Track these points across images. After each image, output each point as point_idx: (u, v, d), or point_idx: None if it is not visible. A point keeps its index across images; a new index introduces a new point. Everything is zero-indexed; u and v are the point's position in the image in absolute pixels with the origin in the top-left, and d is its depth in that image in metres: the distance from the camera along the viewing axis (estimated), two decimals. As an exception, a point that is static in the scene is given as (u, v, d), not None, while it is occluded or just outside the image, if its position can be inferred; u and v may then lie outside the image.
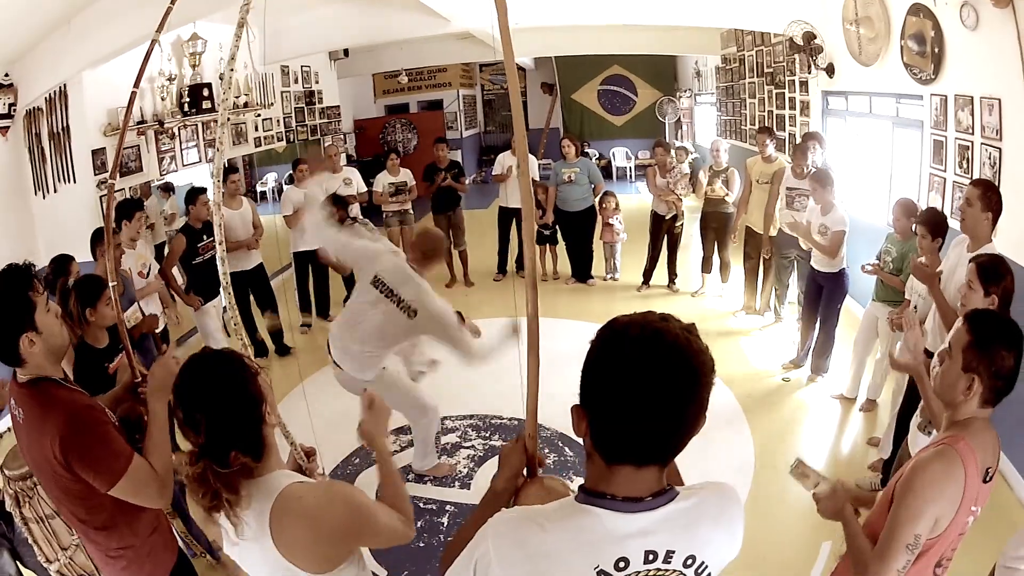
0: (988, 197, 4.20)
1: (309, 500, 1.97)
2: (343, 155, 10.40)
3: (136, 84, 3.97)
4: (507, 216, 10.26)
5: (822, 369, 6.71)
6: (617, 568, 1.47)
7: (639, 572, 1.49)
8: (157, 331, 5.69)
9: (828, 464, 5.46)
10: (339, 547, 2.02)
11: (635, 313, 1.50)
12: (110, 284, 3.67)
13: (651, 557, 1.48)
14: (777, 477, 5.15)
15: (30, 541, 3.42)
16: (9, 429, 4.23)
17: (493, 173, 10.55)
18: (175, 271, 6.86)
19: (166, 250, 8.39)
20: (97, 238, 5.65)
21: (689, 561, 1.52)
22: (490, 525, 1.57)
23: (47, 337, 2.53)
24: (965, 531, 2.32)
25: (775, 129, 10.37)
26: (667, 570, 1.51)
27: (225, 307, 6.86)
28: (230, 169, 8.14)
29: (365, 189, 9.62)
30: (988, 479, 2.32)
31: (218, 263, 4.09)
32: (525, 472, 2.01)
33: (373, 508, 2.12)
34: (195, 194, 7.02)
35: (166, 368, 2.72)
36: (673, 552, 1.50)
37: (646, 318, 1.47)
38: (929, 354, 3.97)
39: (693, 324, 1.48)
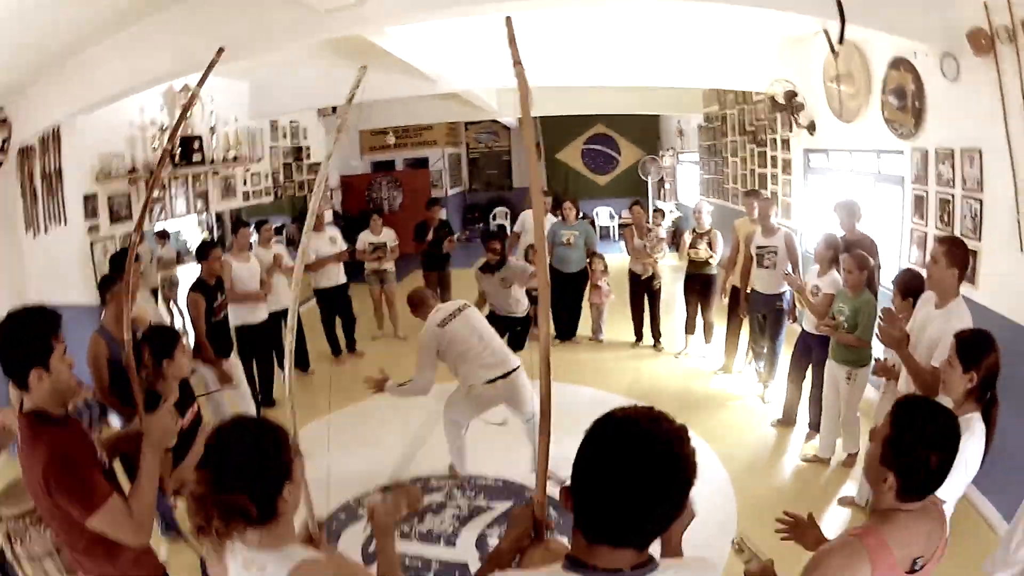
0: (953, 253, 4.22)
1: (322, 573, 2.06)
2: (329, 212, 10.57)
3: (170, 139, 3.98)
4: None
5: (817, 425, 6.60)
6: None
7: None
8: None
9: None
10: None
11: (633, 407, 1.62)
12: (126, 333, 3.74)
13: None
14: (760, 537, 5.12)
15: None
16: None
17: (515, 230, 10.99)
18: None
19: (159, 295, 8.43)
20: (106, 284, 5.51)
21: None
22: None
23: (55, 380, 2.72)
24: None
25: (758, 187, 10.53)
26: None
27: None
28: (240, 223, 8.20)
29: (346, 247, 9.85)
30: (916, 569, 2.24)
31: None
32: (534, 534, 2.12)
33: None
34: (207, 248, 6.77)
35: (161, 424, 2.95)
36: None
37: (637, 417, 1.58)
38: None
39: (683, 427, 1.58)
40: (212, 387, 6.22)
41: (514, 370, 5.84)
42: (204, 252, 6.77)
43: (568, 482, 1.62)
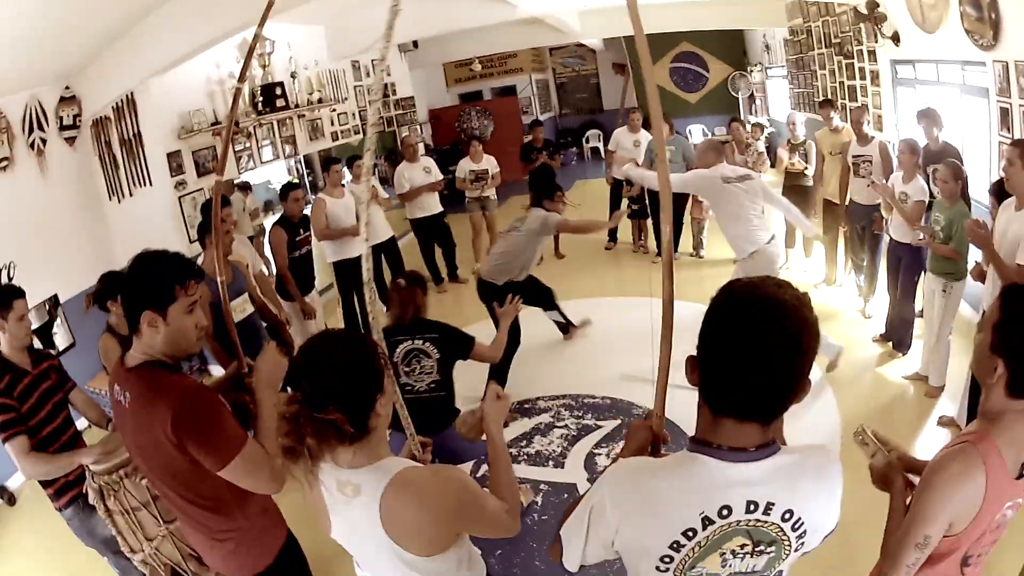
0: None
1: (421, 484, 2.03)
2: (421, 144, 10.68)
3: (240, 79, 4.04)
4: (617, 187, 10.71)
5: (904, 345, 6.56)
6: (720, 515, 1.58)
7: (740, 521, 1.59)
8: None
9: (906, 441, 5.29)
10: (447, 530, 2.09)
11: (755, 277, 1.62)
12: (218, 277, 3.73)
13: (752, 507, 1.58)
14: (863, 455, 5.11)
15: (113, 532, 3.52)
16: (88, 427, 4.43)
17: (608, 148, 11.00)
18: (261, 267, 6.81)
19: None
20: (204, 229, 5.71)
21: (787, 515, 1.61)
22: (606, 473, 1.72)
23: (172, 331, 2.57)
24: (999, 529, 2.21)
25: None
26: (766, 522, 1.60)
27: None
28: (332, 159, 8.36)
29: (442, 176, 9.92)
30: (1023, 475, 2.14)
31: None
32: (650, 449, 2.10)
33: (482, 495, 2.18)
34: (288, 190, 7.09)
35: (273, 361, 2.80)
36: (773, 504, 1.59)
37: (762, 282, 1.59)
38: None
39: (807, 294, 1.57)
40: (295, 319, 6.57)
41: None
42: (285, 193, 7.08)
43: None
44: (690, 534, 1.59)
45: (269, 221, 9.12)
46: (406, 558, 2.03)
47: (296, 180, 9.44)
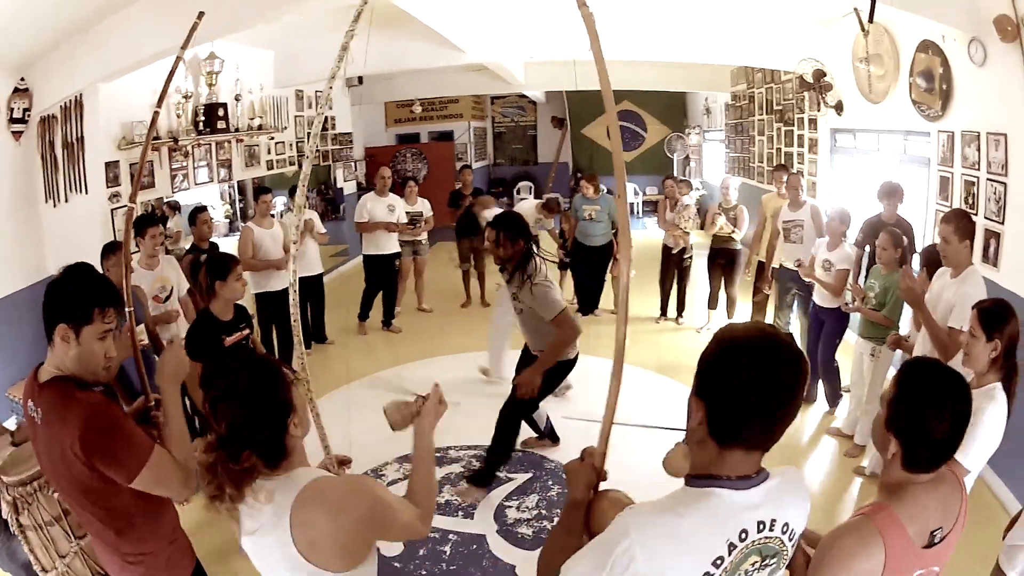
0: (962, 227, 4.36)
1: (331, 492, 2.03)
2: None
3: (159, 104, 3.99)
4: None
5: (836, 402, 6.68)
6: (740, 539, 1.67)
7: (755, 541, 1.70)
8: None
9: (827, 498, 5.43)
10: (359, 539, 2.07)
11: (746, 322, 1.80)
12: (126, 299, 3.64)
13: (761, 527, 1.70)
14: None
15: (26, 549, 3.35)
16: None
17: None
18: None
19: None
20: (107, 251, 5.59)
21: (785, 527, 1.75)
22: (629, 523, 1.67)
23: (82, 353, 2.54)
24: None
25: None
26: (771, 537, 1.73)
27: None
28: (262, 189, 8.21)
29: (406, 221, 9.71)
30: (936, 542, 2.08)
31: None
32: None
33: (393, 504, 2.18)
34: (196, 213, 7.00)
35: (176, 357, 2.81)
36: (775, 520, 1.72)
37: (760, 326, 1.75)
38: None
39: (791, 333, 1.64)
40: None
41: None
42: (193, 217, 7.02)
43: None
44: (718, 562, 1.66)
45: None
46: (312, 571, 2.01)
47: (204, 204, 9.16)
